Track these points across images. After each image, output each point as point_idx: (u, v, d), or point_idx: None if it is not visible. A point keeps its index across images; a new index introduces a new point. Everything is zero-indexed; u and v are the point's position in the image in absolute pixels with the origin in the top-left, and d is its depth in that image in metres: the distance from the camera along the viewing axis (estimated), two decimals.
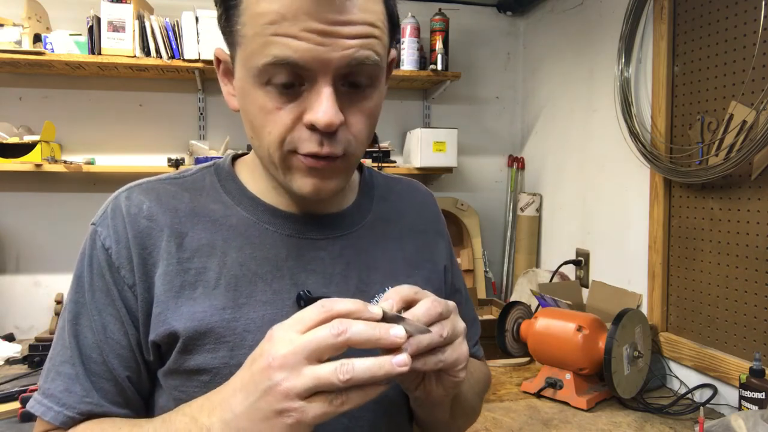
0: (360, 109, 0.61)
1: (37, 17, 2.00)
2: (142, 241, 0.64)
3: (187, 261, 0.64)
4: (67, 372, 0.63)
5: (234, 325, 0.62)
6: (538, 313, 1.65)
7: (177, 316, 0.62)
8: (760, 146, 1.31)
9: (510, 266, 2.58)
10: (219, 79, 0.69)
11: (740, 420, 1.14)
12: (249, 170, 0.72)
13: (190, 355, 0.62)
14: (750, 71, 1.40)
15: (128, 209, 0.65)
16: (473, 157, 2.61)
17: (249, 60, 0.59)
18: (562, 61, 2.28)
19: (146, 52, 2.00)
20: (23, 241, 2.18)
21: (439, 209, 0.85)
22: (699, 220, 1.57)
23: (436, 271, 0.78)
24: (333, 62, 0.56)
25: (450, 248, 0.84)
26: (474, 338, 0.85)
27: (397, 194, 0.80)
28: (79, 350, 0.63)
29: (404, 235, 0.77)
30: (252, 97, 0.60)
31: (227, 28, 0.61)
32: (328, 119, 0.57)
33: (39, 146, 1.98)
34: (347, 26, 0.56)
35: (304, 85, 0.58)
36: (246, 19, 0.58)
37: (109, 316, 0.64)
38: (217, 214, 0.67)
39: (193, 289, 0.63)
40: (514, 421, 1.41)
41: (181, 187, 0.69)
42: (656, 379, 1.64)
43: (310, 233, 0.69)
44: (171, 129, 2.28)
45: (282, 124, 0.59)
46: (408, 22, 2.24)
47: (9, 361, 1.85)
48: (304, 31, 0.55)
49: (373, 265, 0.71)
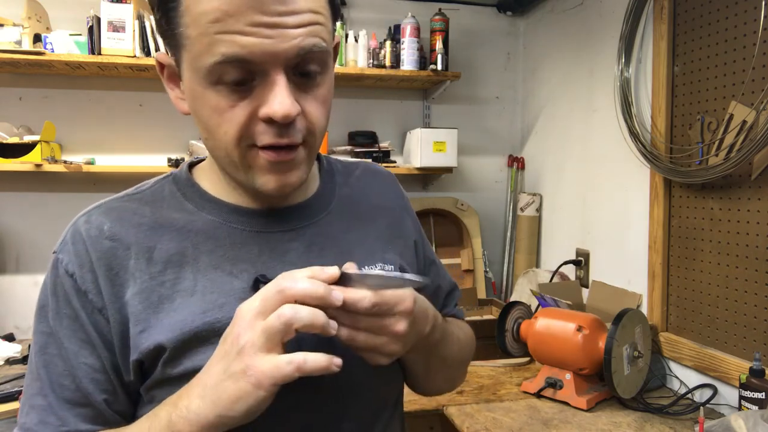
0: (314, 97, 0.61)
1: (37, 17, 2.00)
2: (107, 262, 0.63)
3: (160, 274, 0.63)
4: (39, 404, 0.62)
5: (217, 326, 0.62)
6: (538, 313, 1.65)
7: (160, 329, 0.61)
8: (760, 146, 1.31)
9: (510, 266, 2.58)
10: (165, 85, 0.68)
11: (740, 420, 1.14)
12: (206, 175, 0.71)
13: (178, 362, 0.61)
14: (750, 71, 1.40)
15: (88, 232, 0.64)
16: (473, 157, 2.61)
17: (196, 61, 0.58)
18: (562, 61, 2.28)
19: (146, 52, 2.00)
20: (23, 241, 2.18)
21: (400, 186, 0.86)
22: (699, 220, 1.57)
23: (408, 246, 0.80)
24: (282, 54, 0.56)
25: (417, 222, 0.85)
26: (454, 300, 0.89)
27: (357, 177, 0.81)
28: (50, 380, 0.62)
29: (372, 214, 0.77)
30: (203, 98, 0.59)
31: (168, 31, 0.60)
32: (285, 110, 0.57)
33: (39, 146, 1.98)
34: (292, 16, 0.56)
35: (255, 80, 0.58)
36: (188, 20, 0.57)
37: (79, 341, 0.62)
38: (182, 222, 0.67)
39: (172, 301, 0.62)
40: (514, 421, 1.41)
41: (140, 202, 0.68)
42: (656, 379, 1.64)
43: (279, 226, 0.69)
44: (171, 129, 2.27)
45: (237, 122, 0.59)
46: (408, 22, 2.24)
47: (9, 361, 1.85)
48: (250, 25, 0.55)
49: (347, 249, 0.71)
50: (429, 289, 0.81)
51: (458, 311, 0.90)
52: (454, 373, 0.85)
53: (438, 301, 0.86)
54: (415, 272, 0.79)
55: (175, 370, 0.61)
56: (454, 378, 0.86)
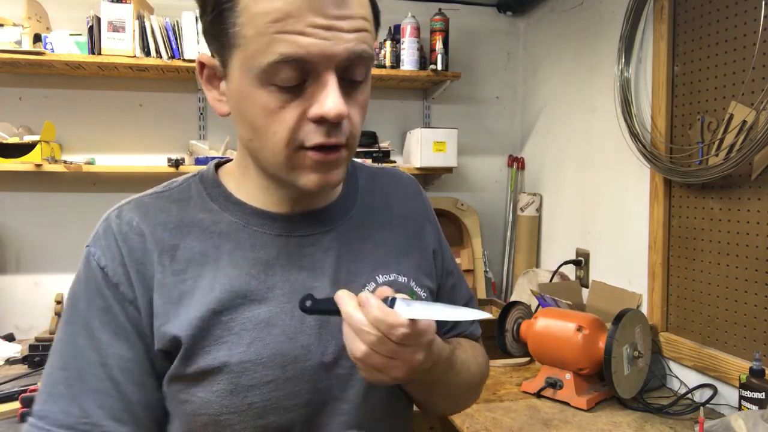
0: (356, 102, 0.63)
1: (37, 17, 2.00)
2: (136, 257, 0.65)
3: (182, 272, 0.65)
4: (61, 393, 0.62)
5: (231, 325, 0.64)
6: (538, 313, 1.65)
7: (177, 324, 0.63)
8: (760, 146, 1.31)
9: (510, 266, 2.58)
10: (203, 86, 0.68)
11: (740, 420, 1.14)
12: (233, 177, 0.72)
13: (192, 359, 0.63)
14: (750, 71, 1.40)
15: (119, 227, 0.66)
16: (473, 157, 2.60)
17: (251, 60, 0.58)
18: (562, 61, 2.28)
19: (146, 52, 2.00)
20: (23, 241, 2.18)
21: (424, 195, 0.86)
22: (699, 220, 1.57)
23: (426, 256, 0.80)
24: (336, 56, 0.58)
25: (438, 232, 0.85)
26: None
27: (381, 184, 0.81)
28: (79, 369, 0.62)
29: (392, 223, 0.78)
30: (252, 98, 0.60)
31: (220, 31, 0.60)
32: (338, 109, 0.58)
33: (39, 146, 1.98)
34: (347, 20, 0.58)
35: (307, 81, 0.59)
36: (245, 20, 0.58)
37: (111, 332, 0.63)
38: (206, 223, 0.68)
39: (191, 298, 0.64)
40: (514, 421, 1.41)
41: (168, 200, 0.70)
42: (656, 379, 1.64)
43: (299, 231, 0.70)
44: (171, 129, 2.27)
45: (287, 123, 0.60)
46: (408, 22, 2.24)
47: (9, 361, 1.85)
48: (309, 26, 0.56)
49: (361, 256, 0.72)
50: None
51: (474, 328, 0.87)
52: (458, 400, 0.83)
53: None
54: (433, 280, 0.79)
55: (190, 368, 0.63)
56: (458, 404, 0.84)
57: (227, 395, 0.62)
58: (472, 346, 0.84)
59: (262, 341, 0.64)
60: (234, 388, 0.62)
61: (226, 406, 0.62)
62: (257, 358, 0.63)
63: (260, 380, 0.63)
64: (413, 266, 0.76)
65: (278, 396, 0.64)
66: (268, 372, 0.63)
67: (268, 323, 0.64)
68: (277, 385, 0.64)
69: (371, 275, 0.71)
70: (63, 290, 2.16)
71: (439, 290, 0.82)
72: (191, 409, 0.63)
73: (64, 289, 2.14)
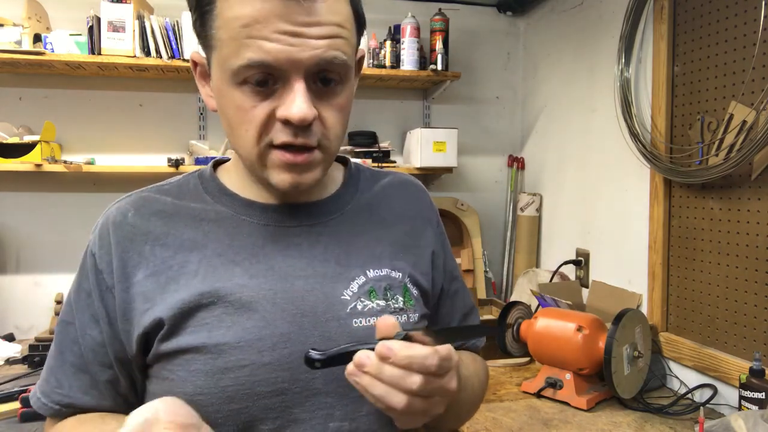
0: (331, 104, 0.65)
1: (37, 17, 2.00)
2: (123, 246, 0.69)
3: (171, 258, 0.68)
4: (50, 365, 0.70)
5: (213, 308, 0.65)
6: (538, 313, 1.65)
7: (162, 306, 0.65)
8: (760, 146, 1.31)
9: (510, 266, 2.58)
10: (196, 82, 0.72)
11: (740, 420, 1.14)
12: (229, 173, 0.76)
13: (173, 337, 0.65)
14: (750, 71, 1.40)
15: (115, 218, 0.71)
16: (473, 157, 2.61)
17: (225, 62, 0.61)
18: (562, 61, 2.28)
19: (146, 52, 2.00)
20: (23, 241, 2.18)
21: (429, 199, 0.86)
22: (699, 220, 1.57)
23: (424, 256, 0.79)
24: (303, 62, 0.60)
25: (442, 236, 0.85)
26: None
27: (382, 186, 0.82)
28: (61, 344, 0.70)
29: (390, 221, 0.78)
30: (228, 97, 0.63)
31: (202, 32, 0.64)
32: (302, 113, 0.60)
33: (39, 146, 1.98)
34: (315, 27, 0.59)
35: (278, 83, 0.61)
36: (220, 23, 0.61)
37: (89, 315, 0.68)
38: (197, 211, 0.72)
39: (177, 282, 0.67)
40: (514, 421, 1.41)
41: (165, 194, 0.74)
42: (656, 379, 1.64)
43: (287, 221, 0.72)
44: (171, 129, 2.27)
45: (257, 121, 0.62)
46: (408, 22, 2.24)
47: (9, 361, 1.85)
48: (276, 33, 0.58)
49: (351, 250, 0.73)
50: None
51: (477, 341, 0.87)
52: (462, 417, 0.82)
53: (450, 325, 0.84)
54: (429, 281, 0.78)
55: (170, 345, 0.65)
56: (461, 420, 0.83)
57: (202, 376, 0.63)
58: (473, 360, 0.84)
59: (242, 326, 0.65)
60: (209, 369, 0.63)
61: (200, 386, 0.63)
62: (234, 341, 0.64)
63: (236, 364, 0.64)
64: (409, 264, 0.76)
65: (252, 381, 0.64)
66: (244, 356, 0.64)
67: (249, 308, 0.66)
68: (251, 370, 0.64)
69: (362, 269, 0.71)
70: (63, 290, 2.16)
71: (441, 293, 0.82)
72: (169, 387, 0.65)
73: (64, 289, 2.14)
